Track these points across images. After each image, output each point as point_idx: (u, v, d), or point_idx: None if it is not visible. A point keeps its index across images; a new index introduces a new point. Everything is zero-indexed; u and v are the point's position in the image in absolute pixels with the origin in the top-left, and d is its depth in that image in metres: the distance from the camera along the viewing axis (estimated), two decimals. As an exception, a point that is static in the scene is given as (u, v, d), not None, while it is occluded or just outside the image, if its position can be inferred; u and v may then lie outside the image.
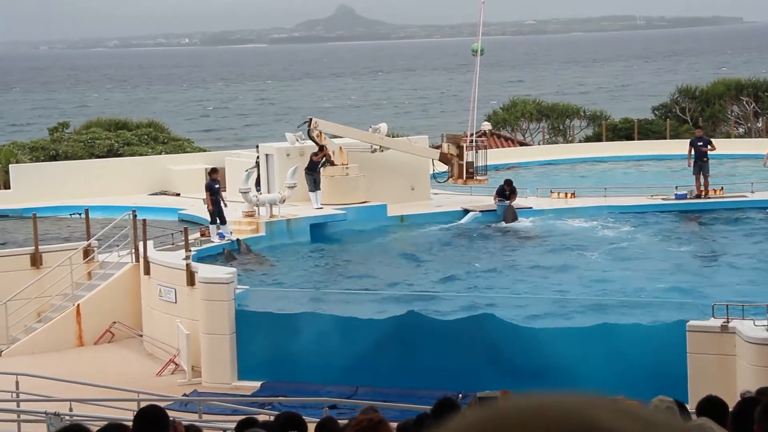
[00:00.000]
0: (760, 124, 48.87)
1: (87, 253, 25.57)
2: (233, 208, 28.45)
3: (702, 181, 30.45)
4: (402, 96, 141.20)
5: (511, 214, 29.58)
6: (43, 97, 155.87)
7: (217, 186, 26.36)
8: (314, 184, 29.09)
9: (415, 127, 75.78)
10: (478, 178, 31.70)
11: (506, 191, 30.11)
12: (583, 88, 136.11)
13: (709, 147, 30.40)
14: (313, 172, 29.19)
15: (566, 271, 24.42)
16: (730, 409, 8.48)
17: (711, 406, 8.63)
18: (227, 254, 25.46)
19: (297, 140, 30.98)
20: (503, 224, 29.39)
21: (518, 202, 30.40)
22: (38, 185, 33.91)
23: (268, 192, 29.36)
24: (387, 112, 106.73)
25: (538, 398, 1.12)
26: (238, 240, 25.97)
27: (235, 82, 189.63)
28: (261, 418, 13.59)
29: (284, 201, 27.95)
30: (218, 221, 26.05)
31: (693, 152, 30.54)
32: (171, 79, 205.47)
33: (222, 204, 26.00)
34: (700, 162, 30.41)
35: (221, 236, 26.25)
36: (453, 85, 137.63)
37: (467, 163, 31.57)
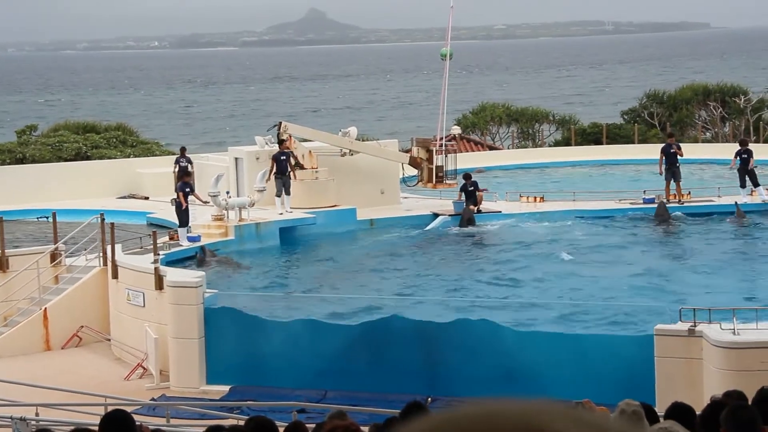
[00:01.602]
0: (726, 129, 49.26)
1: (54, 256, 25.39)
2: (202, 212, 28.38)
3: (673, 186, 30.63)
4: (373, 99, 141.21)
5: (467, 219, 29.52)
6: (8, 99, 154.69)
7: (187, 190, 26.37)
8: (283, 189, 29.03)
9: (384, 130, 75.83)
10: (447, 182, 31.76)
11: (469, 187, 30.13)
12: (562, 92, 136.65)
13: (678, 151, 30.59)
14: (282, 176, 29.14)
15: (534, 274, 24.49)
16: (699, 413, 8.54)
17: (678, 411, 8.69)
18: (199, 258, 25.38)
19: (267, 144, 30.93)
20: (458, 229, 29.29)
21: (488, 206, 30.45)
22: (5, 188, 33.65)
23: (238, 196, 29.29)
24: (359, 116, 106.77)
25: (491, 404, 1.13)
26: (202, 247, 25.87)
27: (209, 86, 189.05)
28: (229, 422, 13.55)
29: (253, 205, 27.90)
30: (185, 224, 26.01)
31: (665, 159, 30.72)
32: (142, 81, 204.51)
33: (186, 202, 26.07)
34: (673, 168, 30.60)
35: (196, 239, 26.18)
36: (428, 89, 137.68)
37: (437, 167, 31.64)
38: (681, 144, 33.81)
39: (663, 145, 31.99)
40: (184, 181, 26.96)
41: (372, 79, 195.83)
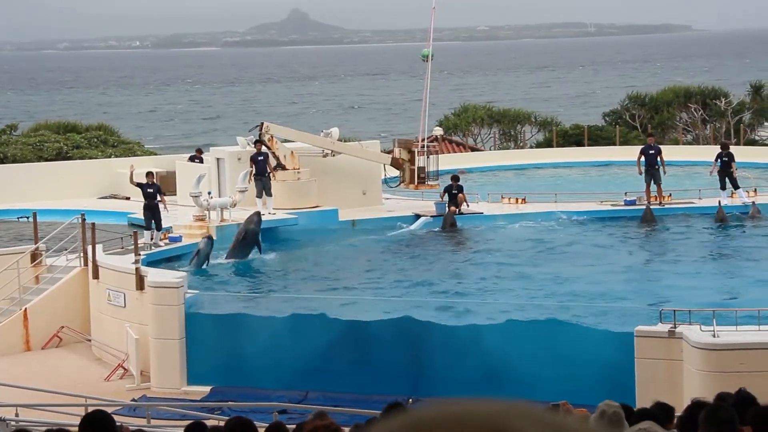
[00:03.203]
0: (707, 132, 49.47)
1: (35, 256, 25.30)
2: (184, 212, 28.32)
3: (654, 188, 30.74)
4: (356, 100, 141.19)
5: (449, 221, 29.57)
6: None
7: (150, 190, 26.25)
8: (263, 190, 28.98)
9: (367, 131, 75.79)
10: (429, 183, 31.79)
11: (453, 189, 30.16)
12: (548, 93, 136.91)
13: (660, 158, 30.63)
14: (262, 177, 29.10)
15: (516, 276, 24.54)
16: (679, 414, 8.58)
17: (658, 411, 8.73)
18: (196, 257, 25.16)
19: (248, 144, 30.88)
20: (441, 231, 29.34)
21: (470, 208, 30.49)
22: (-15, 188, 33.49)
23: (219, 196, 29.23)
24: (343, 117, 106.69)
25: (459, 404, 1.14)
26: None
27: (192, 85, 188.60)
28: (210, 423, 13.53)
29: (235, 205, 27.86)
30: (154, 226, 25.93)
31: (643, 159, 30.83)
32: (124, 81, 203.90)
33: (160, 208, 25.98)
34: (652, 170, 30.70)
35: (178, 239, 26.11)
36: (410, 91, 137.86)
37: (419, 168, 31.66)
38: (662, 146, 33.94)
39: (643, 146, 32.09)
40: (148, 181, 26.65)
41: (358, 80, 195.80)
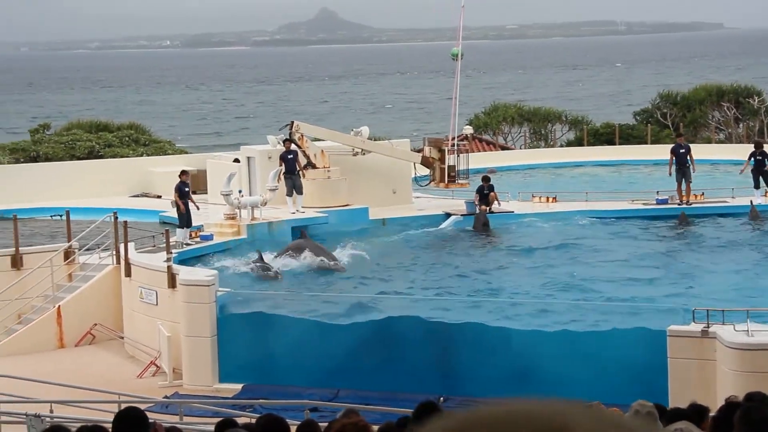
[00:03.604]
0: (740, 130, 49.13)
1: (68, 254, 25.48)
2: (215, 211, 28.42)
3: (684, 187, 30.56)
4: (387, 99, 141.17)
5: (481, 221, 29.51)
6: (23, 98, 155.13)
7: (186, 189, 26.29)
8: (293, 188, 29.03)
9: (399, 130, 75.79)
10: (459, 181, 31.75)
11: (485, 189, 30.12)
12: (581, 92, 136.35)
13: (690, 156, 30.44)
14: (292, 174, 29.15)
15: (547, 275, 24.46)
16: (713, 414, 8.54)
17: (691, 411, 8.68)
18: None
19: (279, 143, 30.95)
20: (474, 230, 29.29)
21: (501, 206, 30.42)
22: (19, 187, 33.77)
23: (250, 195, 29.32)
24: (374, 116, 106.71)
25: (512, 404, 1.14)
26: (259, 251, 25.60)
27: (222, 84, 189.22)
28: (242, 420, 13.58)
29: (266, 204, 27.93)
30: (185, 225, 26.00)
31: (674, 159, 30.65)
32: (156, 80, 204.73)
33: (191, 207, 25.98)
34: (683, 168, 30.52)
35: (207, 238, 26.20)
36: (441, 90, 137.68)
37: (449, 166, 31.62)
38: (693, 144, 33.73)
39: (673, 145, 31.91)
40: (182, 180, 26.60)
41: (388, 78, 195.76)
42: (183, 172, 26.95)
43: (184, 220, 26.05)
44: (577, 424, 1.08)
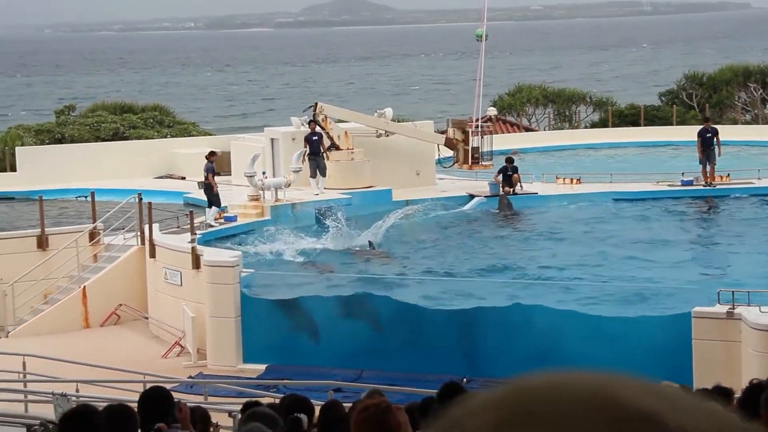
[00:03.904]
0: (767, 111, 48.74)
1: (93, 235, 25.62)
2: (239, 192, 28.48)
3: (708, 169, 30.38)
4: (412, 81, 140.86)
5: (505, 202, 29.45)
6: (52, 80, 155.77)
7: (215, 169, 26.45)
8: (317, 170, 29.03)
9: (424, 111, 75.59)
10: (483, 163, 31.66)
11: (508, 170, 30.03)
12: (608, 73, 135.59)
13: (717, 139, 30.20)
14: (316, 156, 29.15)
15: (570, 257, 24.41)
16: (737, 395, 8.50)
17: (716, 393, 8.65)
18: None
19: (302, 124, 30.94)
20: (497, 212, 29.24)
21: (524, 188, 30.34)
22: (44, 168, 33.93)
23: (274, 176, 29.35)
24: (399, 98, 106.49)
25: (559, 375, 1.11)
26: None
27: (247, 66, 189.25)
28: (266, 400, 13.63)
29: (289, 185, 27.95)
30: (216, 204, 26.10)
31: (701, 141, 30.41)
32: (180, 62, 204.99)
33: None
34: (708, 150, 30.32)
35: (231, 219, 26.28)
36: (467, 71, 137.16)
37: (473, 148, 31.54)
38: (720, 125, 33.50)
39: (700, 128, 31.68)
40: (210, 160, 26.74)
41: (412, 60, 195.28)
42: (212, 153, 27.07)
43: (217, 199, 26.16)
44: (625, 395, 1.05)
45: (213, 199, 26.11)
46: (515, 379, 1.11)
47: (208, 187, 26.13)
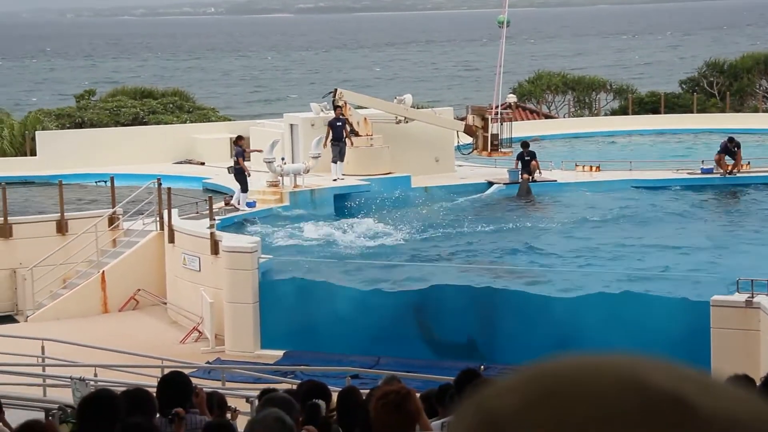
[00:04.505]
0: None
1: (112, 220, 25.71)
2: (257, 178, 28.50)
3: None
4: (433, 67, 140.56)
5: (525, 189, 29.40)
6: (80, 65, 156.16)
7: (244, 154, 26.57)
8: (339, 155, 29.04)
9: (445, 98, 75.37)
10: (502, 150, 31.58)
11: (526, 156, 29.95)
12: (633, 60, 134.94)
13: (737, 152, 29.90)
14: (339, 142, 29.14)
15: (589, 244, 24.34)
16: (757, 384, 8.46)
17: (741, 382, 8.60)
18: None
19: (322, 110, 30.91)
20: (517, 200, 29.24)
21: (543, 175, 30.27)
22: (64, 152, 34.03)
23: (293, 162, 29.36)
24: (423, 84, 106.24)
25: (585, 357, 1.09)
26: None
27: (269, 51, 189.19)
28: (283, 386, 13.66)
29: (308, 171, 27.95)
30: (246, 189, 26.19)
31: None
32: (204, 48, 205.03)
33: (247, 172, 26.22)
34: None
35: (251, 205, 26.35)
36: (490, 57, 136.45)
37: (492, 135, 31.46)
38: (741, 113, 33.25)
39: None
40: (239, 144, 26.92)
41: (433, 46, 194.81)
42: (239, 138, 27.22)
43: (246, 184, 26.24)
44: (654, 378, 1.02)
45: (243, 184, 26.21)
46: (540, 362, 1.09)
47: (239, 172, 26.21)
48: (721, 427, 1.00)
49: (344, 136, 29.33)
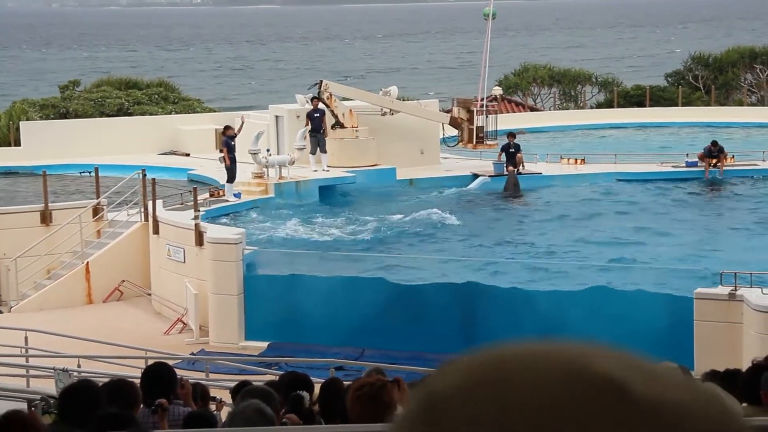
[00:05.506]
0: (773, 93, 48.55)
1: (96, 211, 25.63)
2: (242, 169, 28.46)
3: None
4: (422, 60, 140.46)
5: (512, 182, 29.42)
6: (69, 55, 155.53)
7: (233, 143, 26.43)
8: (318, 147, 28.99)
9: (435, 90, 75.34)
10: (488, 142, 31.62)
11: (510, 148, 29.96)
12: (619, 53, 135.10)
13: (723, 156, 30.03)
14: (317, 133, 29.09)
15: (573, 237, 24.39)
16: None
17: (723, 375, 8.64)
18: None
19: (307, 102, 30.89)
20: (504, 193, 29.26)
21: (528, 167, 30.31)
22: (48, 143, 33.92)
23: (278, 154, 29.33)
24: (409, 77, 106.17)
25: (534, 344, 1.10)
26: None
27: (257, 42, 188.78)
28: (267, 377, 13.66)
29: (293, 162, 27.93)
30: (232, 179, 26.12)
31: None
32: (193, 38, 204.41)
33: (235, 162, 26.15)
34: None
35: (237, 196, 26.31)
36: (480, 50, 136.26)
37: (477, 127, 31.49)
38: (726, 107, 33.36)
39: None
40: (228, 135, 26.78)
41: (423, 38, 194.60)
42: (227, 128, 27.10)
43: (233, 174, 26.15)
44: (597, 364, 1.02)
45: (229, 174, 26.13)
46: (490, 346, 1.10)
47: (232, 161, 26.15)
48: (653, 410, 1.00)
49: (322, 127, 29.29)
